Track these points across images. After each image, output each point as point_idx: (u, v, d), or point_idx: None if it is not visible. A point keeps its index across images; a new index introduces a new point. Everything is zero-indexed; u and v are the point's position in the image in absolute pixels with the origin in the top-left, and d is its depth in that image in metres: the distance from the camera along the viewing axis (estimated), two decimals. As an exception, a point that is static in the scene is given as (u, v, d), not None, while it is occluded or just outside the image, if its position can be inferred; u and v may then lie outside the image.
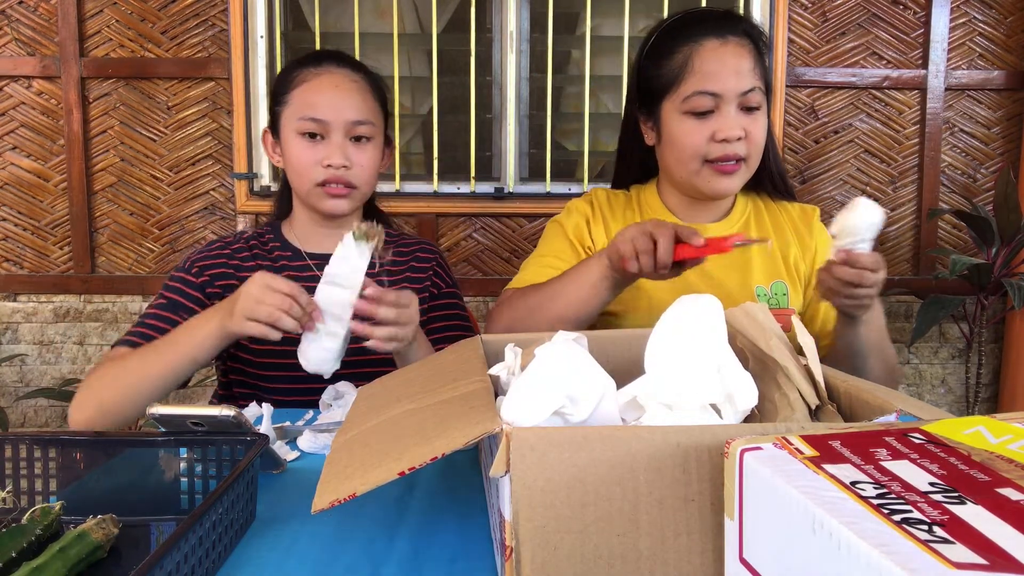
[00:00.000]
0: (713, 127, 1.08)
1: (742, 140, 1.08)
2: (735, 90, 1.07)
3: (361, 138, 1.15)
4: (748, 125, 1.08)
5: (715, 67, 1.07)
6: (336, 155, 1.12)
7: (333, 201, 1.15)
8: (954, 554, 0.28)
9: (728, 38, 1.08)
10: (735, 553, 0.41)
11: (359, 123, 1.13)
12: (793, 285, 1.19)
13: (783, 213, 1.24)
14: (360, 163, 1.14)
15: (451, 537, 0.65)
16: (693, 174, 1.12)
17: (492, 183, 2.62)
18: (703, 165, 1.10)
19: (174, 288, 1.14)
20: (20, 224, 2.61)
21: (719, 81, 1.07)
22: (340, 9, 2.62)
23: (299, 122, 1.12)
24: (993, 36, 2.58)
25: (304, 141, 1.13)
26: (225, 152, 2.57)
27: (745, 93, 1.07)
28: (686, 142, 1.10)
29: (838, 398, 0.65)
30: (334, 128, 1.12)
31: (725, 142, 1.07)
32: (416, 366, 0.79)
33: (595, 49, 2.59)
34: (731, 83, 1.06)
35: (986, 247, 2.46)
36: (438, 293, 1.27)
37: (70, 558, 0.56)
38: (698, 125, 1.09)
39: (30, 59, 2.52)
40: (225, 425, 0.71)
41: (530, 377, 0.56)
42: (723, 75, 1.07)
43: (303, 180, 1.14)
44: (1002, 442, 0.38)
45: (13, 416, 2.64)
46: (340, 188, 1.14)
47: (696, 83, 1.08)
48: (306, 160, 1.13)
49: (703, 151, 1.09)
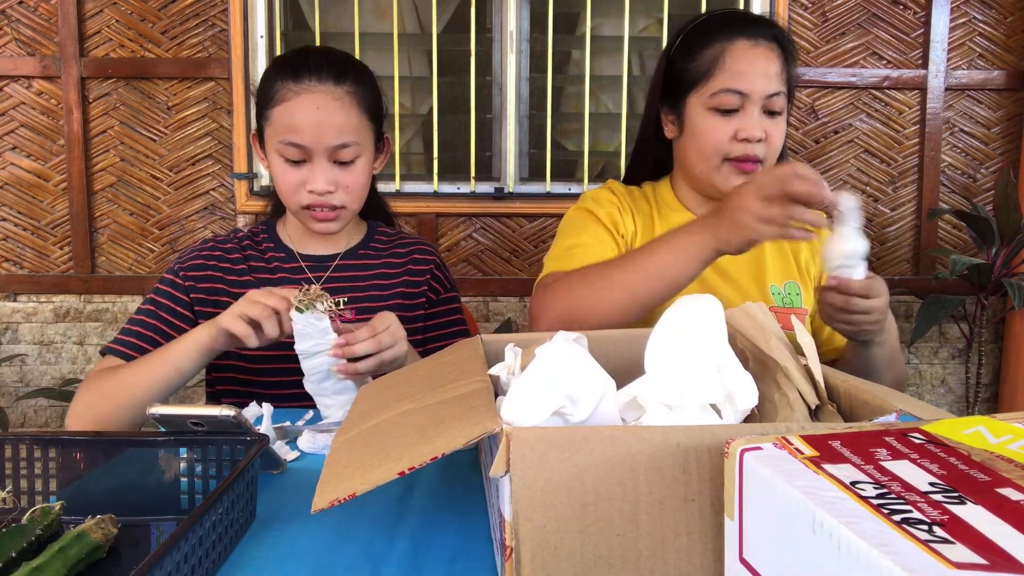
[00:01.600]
0: (736, 125, 1.09)
1: (762, 142, 1.09)
2: (762, 92, 1.08)
3: (345, 159, 1.11)
4: (769, 128, 1.10)
5: (745, 67, 1.08)
6: (319, 181, 1.08)
7: (322, 224, 1.13)
8: (954, 554, 0.28)
9: (759, 41, 1.10)
10: (735, 553, 0.41)
11: (342, 146, 1.09)
12: (805, 286, 1.21)
13: None
14: (346, 184, 1.11)
15: (451, 537, 0.65)
16: (713, 170, 1.12)
17: (492, 183, 2.62)
18: (723, 163, 1.11)
19: (161, 291, 1.14)
20: (20, 224, 2.61)
21: (747, 81, 1.08)
22: (340, 9, 2.62)
23: (280, 145, 1.09)
24: (993, 36, 2.58)
25: (287, 164, 1.10)
26: (225, 152, 2.57)
27: (770, 96, 1.09)
28: (709, 138, 1.11)
29: (838, 398, 0.65)
30: (315, 152, 1.08)
31: (746, 142, 1.08)
32: (416, 366, 0.79)
33: (595, 49, 2.59)
34: (759, 84, 1.08)
35: (986, 247, 2.46)
36: (436, 299, 1.25)
37: (70, 558, 0.56)
38: (722, 122, 1.10)
39: (30, 59, 2.52)
40: (225, 425, 0.71)
41: (530, 377, 0.56)
42: (752, 75, 1.08)
43: (289, 201, 1.13)
44: (1002, 442, 0.38)
45: (13, 416, 2.64)
46: (326, 212, 1.12)
47: (725, 80, 1.09)
48: (290, 182, 1.10)
49: (724, 148, 1.10)
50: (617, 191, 1.22)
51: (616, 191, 1.22)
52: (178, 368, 0.98)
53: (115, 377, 1.01)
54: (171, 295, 1.14)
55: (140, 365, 1.01)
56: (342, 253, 1.22)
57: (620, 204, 1.20)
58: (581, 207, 1.21)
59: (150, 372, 0.99)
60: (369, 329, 0.95)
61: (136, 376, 1.00)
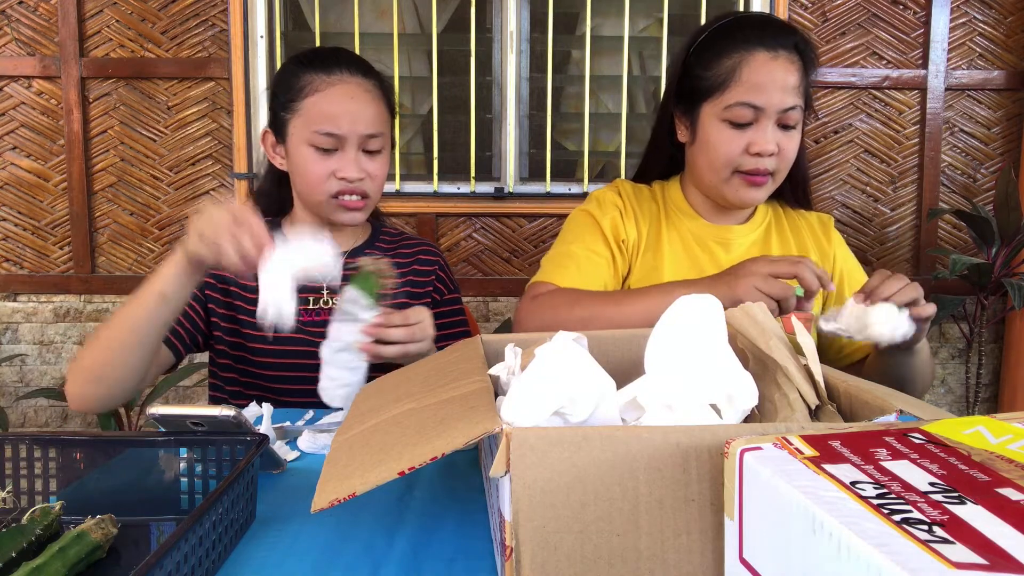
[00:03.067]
0: (749, 139, 1.08)
1: (774, 156, 1.09)
2: (777, 106, 1.07)
3: (373, 149, 1.14)
4: (783, 141, 1.09)
5: (762, 80, 1.07)
6: (351, 168, 1.11)
7: (349, 214, 1.14)
8: (954, 554, 0.28)
9: (779, 52, 1.08)
10: (735, 553, 0.41)
11: (373, 136, 1.12)
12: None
13: (801, 219, 1.26)
14: (373, 173, 1.14)
15: (451, 537, 0.65)
16: (723, 181, 1.12)
17: (492, 183, 2.62)
18: (733, 174, 1.11)
19: None
20: (20, 224, 2.61)
21: (763, 95, 1.06)
22: (340, 9, 2.62)
23: (314, 135, 1.10)
24: (993, 36, 2.58)
25: (318, 152, 1.11)
26: (225, 152, 2.57)
27: (786, 111, 1.07)
28: (721, 150, 1.10)
29: (838, 398, 0.65)
30: (349, 141, 1.11)
31: (759, 156, 1.08)
32: (416, 366, 0.79)
33: (595, 49, 2.59)
34: (775, 99, 1.06)
35: (986, 247, 2.46)
36: (440, 300, 1.26)
37: (69, 558, 0.56)
38: (735, 135, 1.09)
39: (30, 59, 2.52)
40: (225, 425, 0.71)
41: (530, 377, 0.56)
42: (769, 90, 1.06)
43: (315, 191, 1.13)
44: (1002, 442, 0.38)
45: (13, 416, 2.64)
46: (355, 200, 1.13)
47: (741, 94, 1.07)
48: (320, 171, 1.11)
49: (736, 161, 1.09)
50: (624, 193, 1.22)
51: (624, 193, 1.22)
52: (164, 294, 0.93)
53: (105, 326, 0.97)
54: None
55: (125, 307, 0.97)
56: (348, 252, 1.22)
57: (624, 208, 1.19)
58: (585, 208, 1.21)
59: (136, 307, 0.94)
60: (404, 318, 0.95)
61: (123, 316, 0.95)
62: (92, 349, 0.98)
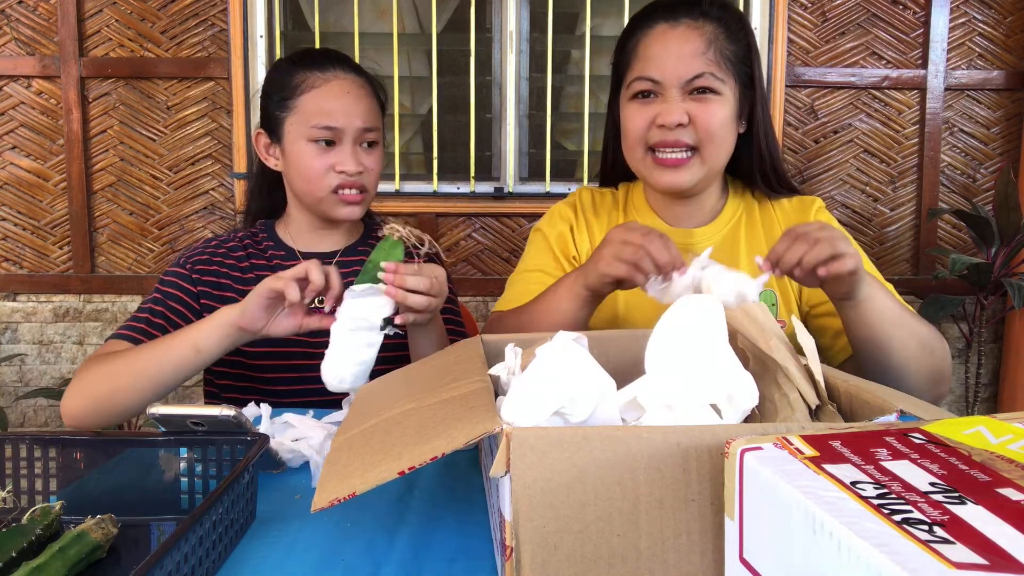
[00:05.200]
0: (655, 111, 1.04)
1: (686, 127, 1.03)
2: (678, 76, 1.02)
3: (369, 143, 1.16)
4: (695, 111, 1.02)
5: (657, 52, 1.04)
6: (350, 162, 1.12)
7: (348, 208, 1.15)
8: (954, 554, 0.28)
9: (680, 21, 1.04)
10: (735, 553, 0.41)
11: (368, 129, 1.14)
12: (783, 294, 1.12)
13: (778, 208, 1.16)
14: (370, 167, 1.15)
15: (451, 537, 0.65)
16: (639, 162, 1.09)
17: (492, 183, 2.62)
18: (646, 153, 1.07)
19: (168, 283, 1.14)
20: (20, 224, 2.61)
21: (659, 67, 1.03)
22: (340, 9, 2.62)
23: (312, 130, 1.11)
24: (993, 36, 2.58)
25: (316, 148, 1.12)
26: (225, 152, 2.57)
27: (694, 78, 1.02)
28: (628, 127, 1.08)
29: (838, 398, 0.65)
30: (346, 135, 1.12)
31: (664, 128, 1.03)
32: (416, 366, 0.79)
33: (595, 49, 2.59)
34: (672, 68, 1.02)
35: (986, 247, 2.46)
36: None
37: (69, 558, 0.56)
38: (640, 109, 1.06)
39: (30, 59, 2.52)
40: (225, 425, 0.71)
41: (530, 377, 0.56)
42: (665, 60, 1.03)
43: (316, 187, 1.13)
44: (1002, 442, 0.38)
45: (13, 416, 2.64)
46: (354, 194, 1.14)
47: (639, 69, 1.05)
48: (319, 167, 1.12)
49: (644, 136, 1.06)
50: (581, 205, 1.21)
51: (580, 204, 1.21)
52: (197, 346, 0.96)
53: (126, 355, 0.99)
54: (179, 286, 1.13)
55: (155, 344, 0.99)
56: (342, 250, 1.22)
57: (576, 221, 1.19)
58: (538, 227, 1.22)
59: (166, 349, 0.97)
60: (417, 269, 0.96)
61: (149, 352, 0.97)
62: (102, 381, 0.98)
